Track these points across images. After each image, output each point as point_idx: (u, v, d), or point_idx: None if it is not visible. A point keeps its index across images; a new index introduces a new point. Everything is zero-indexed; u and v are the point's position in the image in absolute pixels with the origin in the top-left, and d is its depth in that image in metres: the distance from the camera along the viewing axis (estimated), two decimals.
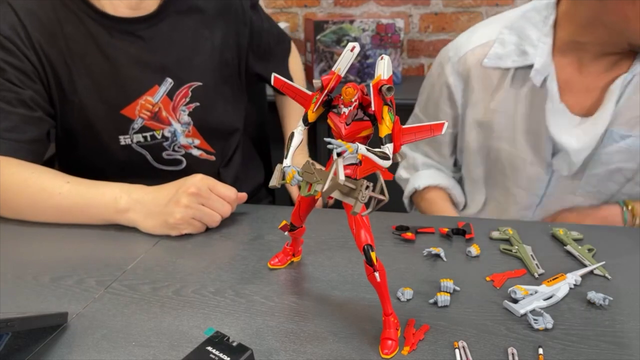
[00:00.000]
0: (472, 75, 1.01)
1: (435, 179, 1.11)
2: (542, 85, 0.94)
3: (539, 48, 0.93)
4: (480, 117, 1.02)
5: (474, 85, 1.01)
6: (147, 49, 0.97)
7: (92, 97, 0.96)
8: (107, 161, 1.02)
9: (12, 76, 0.89)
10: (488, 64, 0.98)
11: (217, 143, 1.09)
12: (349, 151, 0.48)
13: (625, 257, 0.74)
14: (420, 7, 2.15)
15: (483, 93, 1.01)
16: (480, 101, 1.01)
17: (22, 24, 0.90)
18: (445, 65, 1.05)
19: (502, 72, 0.98)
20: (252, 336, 0.59)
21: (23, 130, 0.90)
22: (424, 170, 1.13)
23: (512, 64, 0.96)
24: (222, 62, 1.06)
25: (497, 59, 0.97)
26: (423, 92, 1.14)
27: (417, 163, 1.15)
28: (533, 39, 0.94)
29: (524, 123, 0.98)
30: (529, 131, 0.98)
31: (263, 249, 0.78)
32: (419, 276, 0.70)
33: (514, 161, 1.01)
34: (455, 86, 1.03)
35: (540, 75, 0.93)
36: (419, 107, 1.16)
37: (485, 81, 1.00)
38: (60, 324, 0.61)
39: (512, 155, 1.01)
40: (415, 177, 1.13)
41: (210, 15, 1.03)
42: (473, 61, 1.00)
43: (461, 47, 1.03)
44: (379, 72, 0.50)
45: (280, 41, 1.21)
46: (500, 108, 0.99)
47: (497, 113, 1.00)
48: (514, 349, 0.56)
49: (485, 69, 0.99)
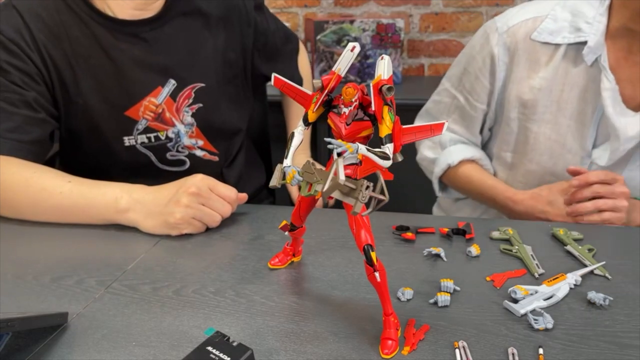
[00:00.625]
0: (520, 49, 0.97)
1: (468, 152, 1.07)
2: (592, 66, 0.92)
3: (593, 26, 0.91)
4: (523, 96, 0.98)
5: (519, 60, 0.98)
6: (151, 51, 0.97)
7: (97, 98, 0.96)
8: (111, 162, 1.02)
9: (16, 78, 0.89)
10: (538, 37, 0.95)
11: (220, 144, 1.09)
12: (349, 151, 0.48)
13: (625, 257, 0.74)
14: (420, 7, 2.15)
15: (528, 70, 0.97)
16: (524, 78, 0.98)
17: (27, 26, 0.90)
18: (492, 36, 1.00)
19: (552, 49, 0.95)
20: (253, 336, 0.59)
21: (26, 131, 0.90)
22: (452, 146, 1.09)
23: (564, 40, 0.93)
24: (226, 63, 1.06)
25: (547, 34, 0.95)
26: (458, 64, 1.09)
27: (444, 140, 1.10)
28: (588, 16, 0.92)
29: (570, 107, 0.95)
30: (573, 116, 0.96)
31: (263, 249, 0.78)
32: (419, 276, 0.70)
33: (552, 147, 0.98)
34: (499, 58, 0.99)
35: (593, 53, 0.91)
36: (449, 82, 1.10)
37: (532, 56, 0.97)
38: (60, 324, 0.61)
39: (551, 141, 0.98)
40: (445, 154, 1.09)
41: (213, 17, 1.03)
42: (522, 34, 0.97)
43: (511, 18, 0.99)
44: (379, 72, 0.50)
45: (288, 41, 1.21)
46: (546, 87, 0.96)
47: (542, 92, 0.96)
48: (514, 349, 0.56)
49: (534, 44, 0.96)
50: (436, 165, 1.10)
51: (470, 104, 1.05)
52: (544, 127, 0.98)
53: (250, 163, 1.22)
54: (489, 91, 1.03)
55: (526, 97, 0.98)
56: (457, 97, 1.07)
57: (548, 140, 0.99)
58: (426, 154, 1.14)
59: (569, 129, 0.97)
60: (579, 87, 0.95)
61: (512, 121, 1.02)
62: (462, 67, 1.07)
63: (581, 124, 0.96)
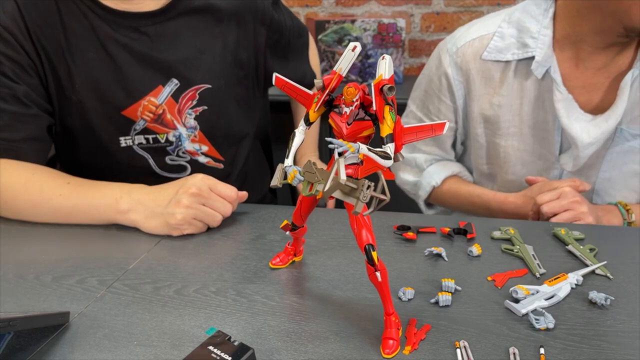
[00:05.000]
0: (472, 68, 1.00)
1: (448, 169, 1.08)
2: (544, 77, 0.94)
3: (539, 40, 0.93)
4: (485, 112, 1.01)
5: (474, 78, 1.00)
6: (152, 46, 0.92)
7: (92, 95, 0.92)
8: (107, 163, 0.98)
9: (7, 69, 0.86)
10: (488, 57, 0.97)
11: (227, 150, 1.05)
12: (350, 151, 0.48)
13: (627, 256, 0.74)
14: (421, 7, 2.14)
15: (485, 87, 0.99)
16: (483, 95, 1.00)
17: (22, 14, 0.86)
18: (443, 57, 1.03)
19: (503, 66, 0.97)
20: (254, 336, 0.59)
21: (16, 129, 0.87)
22: (430, 167, 1.10)
23: (513, 57, 0.95)
24: (237, 63, 1.01)
25: (497, 52, 0.97)
26: (419, 86, 1.11)
27: (420, 162, 1.12)
28: (533, 31, 0.94)
29: (531, 118, 0.97)
30: (536, 126, 0.97)
31: (264, 249, 0.78)
32: (421, 276, 0.70)
33: (523, 156, 1.00)
34: (454, 78, 1.02)
35: (542, 67, 0.93)
36: (414, 105, 1.12)
37: (486, 74, 0.99)
38: (62, 324, 0.61)
39: (520, 151, 1.00)
40: (426, 177, 1.09)
41: (225, 13, 0.97)
42: (471, 54, 0.99)
43: (459, 39, 1.02)
44: (380, 71, 0.50)
45: (300, 34, 1.15)
46: (505, 103, 0.98)
47: (502, 108, 0.98)
48: (515, 349, 0.56)
49: (484, 63, 0.98)
50: (419, 188, 1.11)
51: None
52: (511, 140, 1.00)
53: (257, 169, 1.17)
54: (452, 109, 1.05)
55: (488, 113, 1.01)
56: (423, 119, 1.09)
57: (517, 151, 1.01)
58: (406, 177, 1.14)
59: (535, 138, 0.99)
60: (536, 99, 0.97)
61: (480, 137, 1.04)
62: (423, 90, 1.10)
63: (545, 132, 0.98)
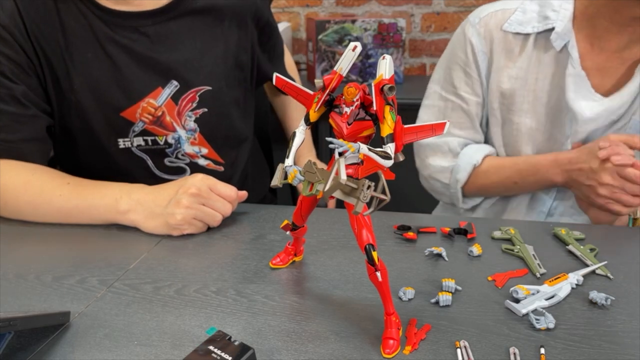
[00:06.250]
0: (495, 38, 1.00)
1: (485, 148, 1.05)
2: (561, 51, 0.94)
3: (560, 13, 0.94)
4: (502, 85, 1.01)
5: (496, 49, 1.00)
6: (152, 48, 0.92)
7: (90, 96, 0.91)
8: (105, 164, 0.97)
9: (5, 69, 0.85)
10: (509, 28, 0.98)
11: (228, 153, 1.04)
12: (350, 151, 0.48)
13: (627, 257, 0.74)
14: (422, 7, 2.14)
15: (505, 59, 1.00)
16: (502, 68, 1.00)
17: (20, 13, 0.85)
18: (467, 29, 1.03)
19: (523, 38, 0.98)
20: (254, 335, 0.59)
21: (14, 130, 0.86)
22: (465, 149, 1.06)
23: (533, 30, 0.97)
24: (237, 65, 1.00)
25: (517, 25, 0.98)
26: (442, 66, 1.09)
27: (454, 145, 1.06)
28: (555, 4, 0.96)
29: (545, 95, 0.98)
30: (549, 104, 0.98)
31: (265, 249, 0.78)
32: (421, 276, 0.70)
33: (534, 135, 1.00)
34: (478, 48, 1.01)
35: (561, 39, 0.94)
36: (438, 85, 1.08)
37: (506, 46, 1.00)
38: (62, 323, 0.61)
39: (533, 130, 1.00)
40: (463, 158, 1.04)
41: (227, 14, 0.96)
42: (494, 23, 1.00)
43: (482, 11, 1.03)
44: (380, 71, 0.50)
45: (282, 41, 1.15)
46: (521, 76, 0.99)
47: (518, 81, 0.99)
48: (515, 349, 0.56)
49: (506, 34, 0.99)
50: (457, 172, 1.04)
51: (465, 100, 1.04)
52: (524, 117, 1.00)
53: (257, 170, 1.17)
54: (479, 82, 1.04)
55: (505, 86, 1.01)
56: (449, 98, 1.06)
57: (529, 130, 1.01)
58: (439, 162, 1.07)
59: (548, 117, 0.99)
60: (551, 74, 0.98)
61: (496, 111, 1.04)
62: (447, 68, 1.07)
63: (558, 111, 0.98)
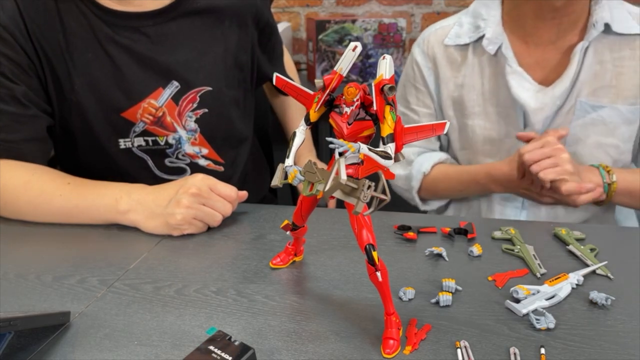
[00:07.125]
0: (437, 53, 1.10)
1: (435, 157, 1.11)
2: (498, 55, 1.02)
3: (489, 20, 1.04)
4: (452, 94, 1.09)
5: (440, 62, 1.10)
6: (153, 48, 0.91)
7: (91, 96, 0.91)
8: (106, 164, 0.97)
9: (6, 69, 0.85)
10: (449, 42, 1.09)
11: (228, 152, 1.04)
12: (350, 151, 0.48)
13: (627, 257, 0.74)
14: (422, 7, 2.14)
15: (450, 70, 1.09)
16: (449, 78, 1.09)
17: (21, 14, 0.85)
18: (414, 48, 1.15)
19: (462, 49, 1.08)
20: (254, 335, 0.59)
21: (15, 130, 0.86)
22: (418, 157, 1.13)
23: (469, 39, 1.06)
24: (237, 66, 1.00)
25: (456, 37, 1.08)
26: (399, 87, 1.18)
27: (407, 155, 1.13)
28: (484, 14, 1.05)
29: (493, 96, 1.04)
30: (499, 104, 1.04)
31: (265, 249, 0.78)
32: (421, 276, 0.70)
33: (490, 135, 1.06)
34: (423, 65, 1.12)
35: (492, 44, 1.02)
36: (399, 104, 1.16)
37: (450, 58, 1.09)
38: (62, 323, 0.61)
39: (487, 130, 1.06)
40: (415, 166, 1.11)
41: (227, 15, 0.97)
42: (435, 40, 1.11)
43: (425, 32, 1.14)
44: (380, 71, 0.50)
45: (281, 41, 1.15)
46: (467, 83, 1.06)
47: (465, 88, 1.06)
48: (516, 349, 0.56)
49: (447, 48, 1.09)
50: (411, 179, 1.12)
51: (417, 113, 1.14)
52: (477, 119, 1.07)
53: (257, 170, 1.17)
54: (428, 95, 1.13)
55: (454, 94, 1.09)
56: (405, 113, 1.16)
57: (484, 130, 1.07)
58: (397, 171, 1.16)
59: (500, 116, 1.05)
60: (494, 77, 1.04)
61: (452, 118, 1.11)
62: (402, 86, 1.18)
63: (507, 108, 1.04)
